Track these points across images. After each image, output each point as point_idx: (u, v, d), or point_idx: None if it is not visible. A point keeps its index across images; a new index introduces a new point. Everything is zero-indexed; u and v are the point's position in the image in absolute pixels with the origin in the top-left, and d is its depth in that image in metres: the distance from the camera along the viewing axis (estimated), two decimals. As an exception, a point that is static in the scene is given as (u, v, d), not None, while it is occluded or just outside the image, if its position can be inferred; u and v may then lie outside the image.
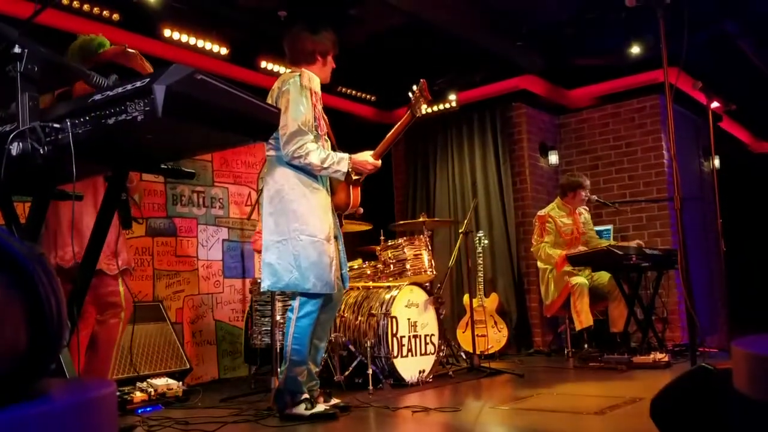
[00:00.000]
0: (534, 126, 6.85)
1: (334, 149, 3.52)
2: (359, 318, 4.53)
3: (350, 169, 3.38)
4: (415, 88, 3.56)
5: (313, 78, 3.39)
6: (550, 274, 5.56)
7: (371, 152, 3.50)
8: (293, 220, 3.26)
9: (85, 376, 3.05)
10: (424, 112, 3.57)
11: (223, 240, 5.52)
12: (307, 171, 3.31)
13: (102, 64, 2.80)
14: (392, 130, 3.55)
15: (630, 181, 6.69)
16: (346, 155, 3.36)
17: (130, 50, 2.92)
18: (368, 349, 4.22)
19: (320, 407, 3.28)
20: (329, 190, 3.47)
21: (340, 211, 3.59)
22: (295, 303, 3.31)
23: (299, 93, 3.30)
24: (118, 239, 3.10)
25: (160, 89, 1.48)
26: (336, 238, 3.49)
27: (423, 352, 4.60)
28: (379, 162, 3.50)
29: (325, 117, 3.53)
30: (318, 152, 3.28)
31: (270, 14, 4.89)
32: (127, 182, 3.02)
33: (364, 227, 4.99)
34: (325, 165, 3.28)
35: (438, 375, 4.66)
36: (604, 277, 5.43)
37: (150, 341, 4.45)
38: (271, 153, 3.39)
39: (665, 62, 3.58)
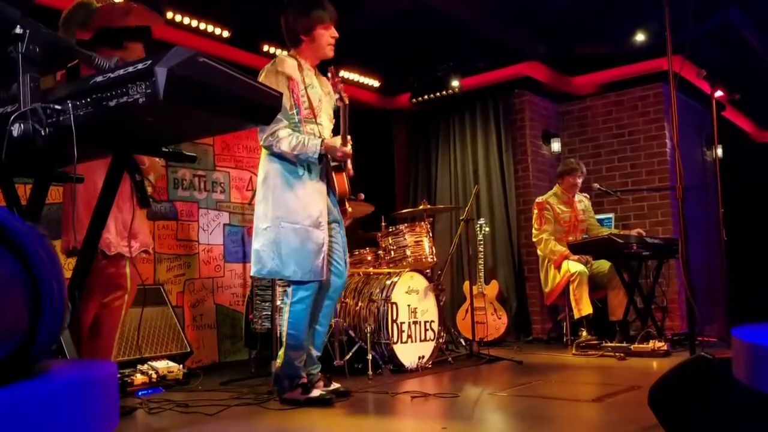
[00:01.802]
0: (536, 113, 6.83)
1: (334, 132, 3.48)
2: (359, 304, 4.54)
3: (325, 154, 3.32)
4: (328, 75, 3.46)
5: (286, 62, 3.33)
6: (549, 262, 5.57)
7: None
8: (276, 208, 3.26)
9: (87, 358, 3.05)
10: (341, 96, 3.43)
11: (224, 224, 5.52)
12: (287, 158, 3.29)
13: (107, 30, 2.71)
14: (341, 120, 3.43)
15: (632, 169, 6.67)
16: (318, 140, 3.29)
17: (132, 4, 2.82)
18: (368, 334, 4.24)
19: (317, 392, 3.29)
20: (321, 175, 3.40)
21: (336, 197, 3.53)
22: (289, 289, 3.32)
23: (273, 80, 3.26)
24: (133, 221, 3.08)
25: (162, 72, 1.47)
26: (337, 222, 3.47)
27: (423, 338, 4.61)
28: (348, 148, 3.35)
29: (322, 100, 3.46)
30: (288, 139, 3.23)
31: (272, -2, 4.87)
32: (142, 164, 3.01)
33: (368, 209, 4.95)
34: (296, 152, 3.23)
35: (437, 361, 4.68)
36: (604, 265, 5.43)
37: (151, 324, 4.47)
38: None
39: (670, 50, 3.56)
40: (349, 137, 3.37)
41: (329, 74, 3.44)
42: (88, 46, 2.46)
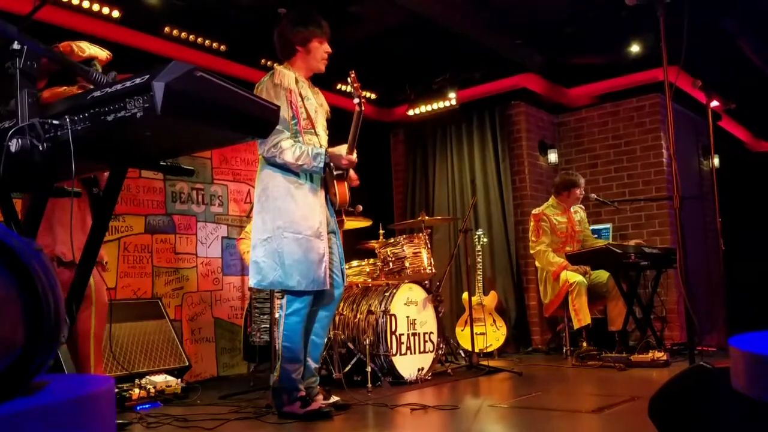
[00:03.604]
0: (533, 124, 6.85)
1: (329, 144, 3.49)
2: (358, 316, 4.53)
3: (330, 164, 3.34)
4: (348, 80, 3.48)
5: (285, 75, 3.35)
6: (547, 274, 5.57)
7: (346, 146, 3.42)
8: (278, 218, 3.25)
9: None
10: (360, 101, 3.42)
11: (222, 237, 5.52)
12: (289, 168, 3.29)
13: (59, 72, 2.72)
14: (351, 126, 3.46)
15: (629, 179, 6.69)
16: (322, 150, 3.31)
17: (75, 42, 2.80)
18: (367, 346, 4.23)
19: (316, 405, 3.28)
20: (320, 185, 3.41)
21: (332, 207, 3.54)
22: (283, 301, 3.31)
23: (271, 91, 3.28)
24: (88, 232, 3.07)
25: (160, 86, 1.48)
26: (334, 233, 3.47)
27: (422, 350, 4.60)
28: (354, 156, 3.40)
29: (317, 111, 3.48)
30: (292, 150, 3.24)
31: (270, 11, 4.89)
32: (101, 178, 3.01)
33: (365, 223, 4.98)
34: (300, 162, 3.24)
35: (437, 373, 4.67)
36: (602, 275, 5.43)
37: (149, 338, 4.45)
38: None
39: (665, 61, 3.58)
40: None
41: (349, 78, 3.45)
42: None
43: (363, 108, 3.42)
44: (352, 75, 3.44)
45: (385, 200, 7.48)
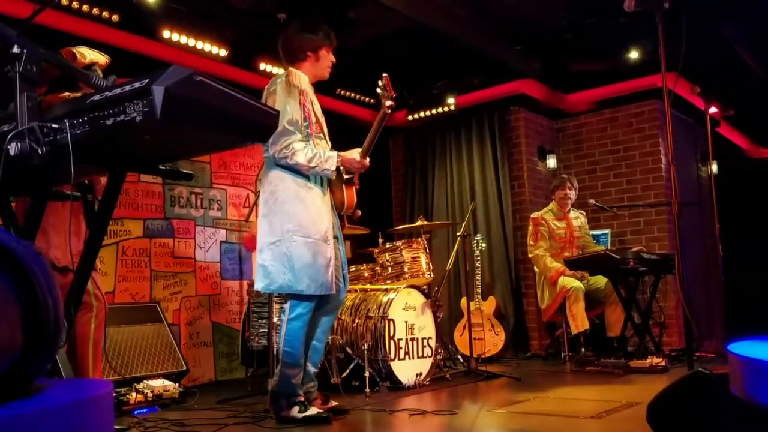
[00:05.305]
0: (532, 130, 6.86)
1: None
2: (356, 320, 4.52)
3: (340, 168, 3.37)
4: (380, 83, 3.51)
5: (301, 77, 3.36)
6: (545, 278, 5.57)
7: (360, 150, 3.46)
8: (286, 222, 3.25)
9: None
10: (389, 105, 3.50)
11: (221, 241, 5.52)
12: (298, 171, 3.29)
13: (60, 77, 2.72)
14: (372, 129, 3.49)
15: (628, 185, 6.70)
16: (334, 153, 3.32)
17: (75, 48, 2.80)
18: (365, 351, 4.22)
19: (314, 410, 3.27)
20: (327, 189, 3.43)
21: (336, 211, 3.55)
22: (287, 305, 3.31)
23: (285, 92, 3.29)
24: (82, 239, 3.07)
25: (159, 91, 1.48)
26: (336, 238, 3.47)
27: (420, 355, 4.59)
28: (367, 161, 3.44)
29: (322, 116, 3.51)
30: (304, 151, 3.24)
31: (269, 16, 4.90)
32: (96, 184, 3.00)
33: (362, 231, 4.99)
34: (312, 164, 3.25)
35: (435, 378, 4.66)
36: (600, 281, 5.43)
37: (147, 342, 4.45)
38: (267, 154, 3.38)
39: (663, 67, 3.58)
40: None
41: (382, 81, 3.49)
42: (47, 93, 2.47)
43: (390, 112, 3.46)
44: (385, 78, 3.48)
45: (384, 205, 7.48)
